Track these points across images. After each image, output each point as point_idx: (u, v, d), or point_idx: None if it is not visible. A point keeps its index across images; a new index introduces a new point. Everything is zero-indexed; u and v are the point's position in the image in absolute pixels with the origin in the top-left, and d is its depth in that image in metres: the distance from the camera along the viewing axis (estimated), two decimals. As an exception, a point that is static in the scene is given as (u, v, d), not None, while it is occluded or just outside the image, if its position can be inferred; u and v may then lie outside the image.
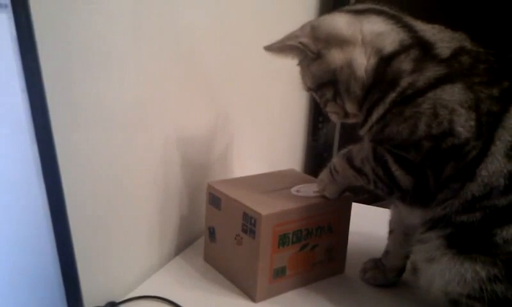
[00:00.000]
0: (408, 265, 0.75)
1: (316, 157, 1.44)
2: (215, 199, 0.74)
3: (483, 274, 0.55)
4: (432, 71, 0.59)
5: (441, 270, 0.58)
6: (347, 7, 0.66)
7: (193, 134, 0.85)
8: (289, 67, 1.23)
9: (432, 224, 0.60)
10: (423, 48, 0.60)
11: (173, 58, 0.75)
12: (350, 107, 0.66)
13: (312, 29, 0.65)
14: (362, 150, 0.66)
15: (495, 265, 0.55)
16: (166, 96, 0.75)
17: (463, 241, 0.58)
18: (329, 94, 0.66)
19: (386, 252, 0.75)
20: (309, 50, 0.65)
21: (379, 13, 0.64)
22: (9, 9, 0.39)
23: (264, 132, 1.14)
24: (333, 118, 0.70)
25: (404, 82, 0.60)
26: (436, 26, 0.63)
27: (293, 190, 0.75)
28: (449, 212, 0.58)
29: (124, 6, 0.63)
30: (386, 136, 0.62)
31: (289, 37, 0.67)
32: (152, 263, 0.77)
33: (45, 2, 0.51)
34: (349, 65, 0.63)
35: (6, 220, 0.40)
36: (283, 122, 1.27)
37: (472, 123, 0.57)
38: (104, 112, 0.62)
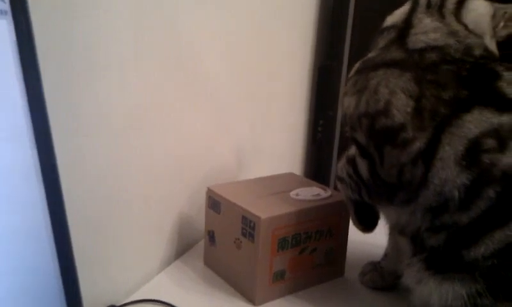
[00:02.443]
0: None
1: (316, 161, 1.44)
2: (214, 203, 0.75)
3: (463, 291, 0.54)
4: (392, 54, 0.60)
5: (428, 291, 0.58)
6: None
7: (193, 138, 0.85)
8: (288, 72, 1.24)
9: (413, 247, 0.61)
10: (400, 32, 0.62)
11: (173, 63, 0.76)
12: None
13: None
14: (341, 160, 0.68)
15: (475, 281, 0.54)
16: (166, 101, 0.75)
17: (438, 262, 0.57)
18: None
19: (385, 255, 0.75)
20: None
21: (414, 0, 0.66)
22: (10, 15, 0.39)
23: (263, 136, 1.15)
24: None
25: (370, 54, 0.63)
26: (449, 29, 0.61)
27: (292, 193, 0.75)
28: (418, 225, 0.59)
29: (125, 12, 0.63)
30: (343, 110, 0.64)
31: None
32: (152, 267, 0.78)
33: (45, 8, 0.51)
34: None
35: (5, 224, 0.40)
36: (283, 126, 1.27)
37: (409, 109, 0.56)
38: (104, 118, 0.63)
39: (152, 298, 0.69)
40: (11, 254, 0.41)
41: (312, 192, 0.76)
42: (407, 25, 0.63)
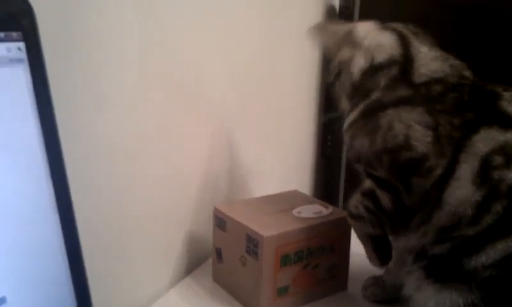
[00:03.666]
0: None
1: (325, 174, 1.47)
2: (221, 222, 0.79)
3: (460, 301, 0.57)
4: (399, 92, 0.63)
5: (424, 298, 0.61)
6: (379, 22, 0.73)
7: (201, 157, 0.89)
8: (296, 87, 1.26)
9: (415, 256, 0.63)
10: (403, 68, 0.65)
11: (179, 88, 0.80)
12: (344, 103, 0.72)
13: (345, 32, 0.73)
14: (353, 198, 0.71)
15: (472, 292, 0.56)
16: (173, 124, 0.80)
17: (438, 271, 0.60)
18: (336, 86, 0.73)
19: (387, 269, 0.78)
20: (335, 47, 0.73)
21: (393, 29, 0.69)
22: (26, 63, 0.44)
23: (273, 151, 1.18)
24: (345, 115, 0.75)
25: (374, 96, 0.65)
26: (440, 54, 0.66)
27: (294, 211, 0.78)
28: (425, 242, 0.61)
29: (130, 42, 0.68)
30: (355, 151, 0.67)
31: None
32: (162, 283, 0.81)
33: (58, 47, 0.56)
34: (350, 62, 0.69)
35: (20, 246, 0.44)
36: (292, 141, 1.30)
37: (429, 139, 0.59)
38: (114, 145, 0.67)
39: (163, 314, 0.72)
40: (27, 270, 0.44)
41: (314, 210, 0.79)
42: (407, 59, 0.65)
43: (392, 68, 0.65)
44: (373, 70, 0.67)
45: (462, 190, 0.57)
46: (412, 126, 0.60)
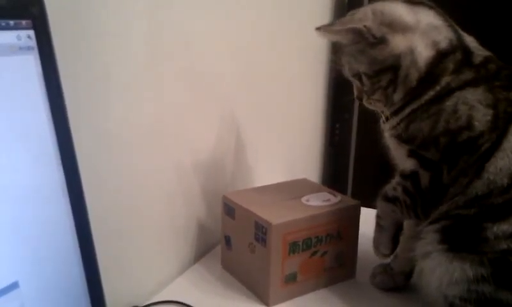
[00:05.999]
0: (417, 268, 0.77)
1: (334, 163, 1.47)
2: (229, 209, 0.79)
3: (470, 273, 0.58)
4: (464, 75, 0.64)
5: (432, 267, 0.61)
6: None
7: (209, 146, 0.89)
8: (305, 75, 1.26)
9: (433, 219, 0.64)
10: (464, 53, 0.65)
11: (189, 78, 0.80)
12: (398, 96, 0.68)
13: (375, 15, 0.66)
14: (391, 182, 0.71)
15: (482, 264, 0.57)
16: (181, 114, 0.80)
17: (454, 236, 0.60)
18: (385, 80, 0.67)
19: (395, 256, 0.78)
20: (372, 34, 0.65)
21: (430, 7, 0.68)
22: (36, 50, 0.44)
23: (281, 140, 1.18)
24: (376, 106, 0.71)
25: (443, 81, 0.64)
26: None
27: (303, 199, 0.78)
28: (452, 207, 0.62)
29: (139, 36, 0.68)
30: (410, 134, 0.66)
31: (350, 20, 0.68)
32: (173, 270, 0.82)
33: (67, 37, 0.56)
34: (411, 52, 0.65)
35: (31, 230, 0.44)
36: (300, 129, 1.30)
37: (489, 117, 0.61)
38: (122, 134, 0.68)
39: (173, 299, 0.73)
40: (38, 254, 0.45)
41: (322, 198, 0.79)
42: (461, 41, 0.66)
43: (456, 53, 0.65)
44: (440, 57, 0.65)
45: (504, 160, 0.59)
46: (475, 106, 0.62)
